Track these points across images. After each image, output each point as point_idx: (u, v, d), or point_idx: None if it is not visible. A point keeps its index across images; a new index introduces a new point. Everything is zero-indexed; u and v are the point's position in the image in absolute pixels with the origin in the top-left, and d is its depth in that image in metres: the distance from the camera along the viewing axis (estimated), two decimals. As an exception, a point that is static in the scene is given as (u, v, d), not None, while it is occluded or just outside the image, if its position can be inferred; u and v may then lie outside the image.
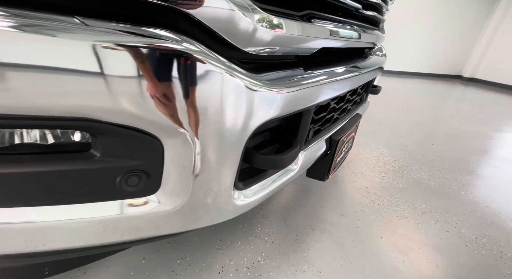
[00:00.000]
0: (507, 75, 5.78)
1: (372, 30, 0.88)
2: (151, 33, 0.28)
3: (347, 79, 0.65)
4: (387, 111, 3.02)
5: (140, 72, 0.27)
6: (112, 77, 0.26)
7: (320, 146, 0.68)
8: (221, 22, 0.32)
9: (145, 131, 0.29)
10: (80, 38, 0.25)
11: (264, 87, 0.36)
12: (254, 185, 0.46)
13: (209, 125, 0.32)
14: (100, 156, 0.29)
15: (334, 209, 1.19)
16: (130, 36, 0.27)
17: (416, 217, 1.19)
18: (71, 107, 0.25)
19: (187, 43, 0.29)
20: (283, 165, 0.44)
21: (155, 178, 0.33)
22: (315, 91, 0.50)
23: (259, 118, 0.37)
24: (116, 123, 0.28)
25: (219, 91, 0.31)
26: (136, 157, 0.31)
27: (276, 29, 0.37)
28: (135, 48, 0.26)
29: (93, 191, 0.30)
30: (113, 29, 0.27)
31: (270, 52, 0.40)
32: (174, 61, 0.28)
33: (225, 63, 0.32)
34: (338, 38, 0.57)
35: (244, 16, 0.33)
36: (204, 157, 0.34)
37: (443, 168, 1.71)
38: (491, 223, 1.18)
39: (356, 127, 0.89)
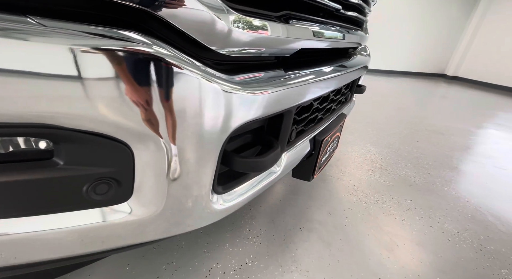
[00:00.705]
0: (486, 74, 6.02)
1: (355, 30, 0.88)
2: (119, 35, 0.27)
3: (330, 79, 0.65)
4: (374, 110, 3.08)
5: (105, 76, 0.26)
6: (73, 80, 0.25)
7: (304, 146, 0.68)
8: (194, 24, 0.31)
9: (111, 137, 0.28)
10: (37, 39, 0.23)
11: (240, 89, 0.35)
12: (234, 188, 0.45)
13: (181, 129, 0.31)
14: (64, 164, 0.28)
15: (322, 208, 1.20)
16: (95, 38, 0.25)
17: (402, 213, 1.21)
18: (26, 113, 0.24)
19: (157, 46, 0.28)
20: (263, 168, 0.43)
21: (126, 185, 0.32)
22: (296, 92, 0.50)
23: (235, 121, 0.36)
24: (79, 129, 0.27)
25: (190, 95, 0.30)
26: (104, 164, 0.29)
27: (251, 31, 0.36)
28: (100, 50, 0.25)
29: (58, 201, 0.29)
30: (75, 30, 0.25)
31: (246, 54, 0.39)
32: (142, 64, 0.27)
33: (197, 65, 0.31)
34: (318, 39, 0.57)
35: (217, 18, 0.32)
36: (178, 162, 0.33)
37: (427, 164, 1.75)
38: (471, 217, 1.22)
39: (341, 127, 0.90)
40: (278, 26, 0.42)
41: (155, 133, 0.29)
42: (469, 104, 3.95)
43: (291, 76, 0.50)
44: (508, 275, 0.91)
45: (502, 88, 5.64)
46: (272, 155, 0.45)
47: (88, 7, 0.26)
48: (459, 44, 6.69)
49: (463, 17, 6.50)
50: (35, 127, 0.24)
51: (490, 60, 5.96)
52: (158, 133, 0.30)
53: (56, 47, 0.24)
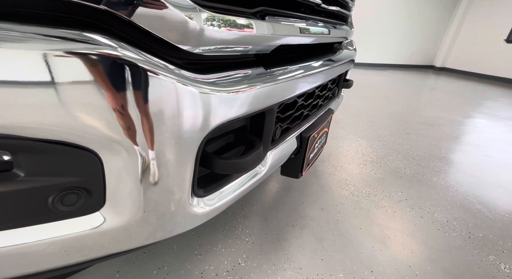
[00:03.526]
0: (472, 64, 6.15)
1: (339, 25, 0.88)
2: (81, 37, 0.25)
3: (314, 74, 0.64)
4: (365, 103, 3.11)
5: (65, 81, 0.24)
6: (30, 86, 0.23)
7: (290, 143, 0.67)
8: (161, 24, 0.29)
9: (75, 145, 0.27)
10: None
11: (213, 90, 0.34)
12: (216, 191, 0.44)
13: (152, 133, 0.30)
14: (24, 176, 0.26)
15: (315, 204, 1.21)
16: (54, 41, 0.24)
17: (393, 205, 1.23)
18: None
19: (123, 48, 0.27)
20: (244, 169, 0.42)
21: (97, 194, 0.30)
22: (277, 90, 0.49)
23: (211, 122, 0.35)
24: (39, 138, 0.25)
25: (160, 98, 0.29)
26: (69, 173, 0.28)
27: (224, 29, 0.35)
28: (60, 53, 0.24)
29: (21, 214, 0.27)
30: (32, 32, 0.24)
31: (220, 53, 0.38)
32: (107, 68, 0.25)
33: (167, 67, 0.30)
34: (299, 35, 0.56)
35: (186, 17, 0.30)
36: (151, 167, 0.32)
37: (417, 156, 1.78)
38: (460, 206, 1.24)
39: (328, 122, 0.90)
40: (253, 23, 0.41)
41: (122, 139, 0.28)
42: (457, 94, 4.02)
43: (271, 73, 0.49)
44: (495, 261, 0.93)
45: (487, 77, 5.77)
46: (254, 155, 0.44)
47: (46, 8, 0.25)
48: (446, 36, 6.80)
49: (449, 10, 6.60)
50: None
51: (475, 51, 6.08)
52: (125, 139, 0.28)
53: (10, 51, 0.22)
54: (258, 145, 0.47)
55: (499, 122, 2.65)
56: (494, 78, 5.63)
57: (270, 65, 0.52)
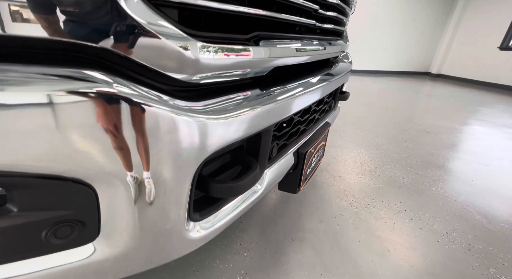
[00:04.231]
0: (468, 71, 6.24)
1: (334, 41, 0.90)
2: (76, 74, 0.26)
3: (311, 91, 0.65)
4: (363, 110, 3.13)
5: (62, 117, 0.25)
6: (25, 123, 0.24)
7: (287, 160, 0.68)
8: (156, 56, 0.30)
9: (71, 179, 0.27)
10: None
11: (210, 117, 0.34)
12: (212, 214, 0.44)
13: (147, 165, 0.30)
14: (18, 211, 0.26)
15: (313, 215, 1.20)
16: (49, 79, 0.24)
17: (392, 216, 1.22)
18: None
19: (118, 84, 0.27)
20: (241, 192, 0.43)
21: (91, 225, 0.30)
22: (273, 111, 0.49)
23: (207, 149, 0.35)
24: (33, 173, 0.25)
25: (156, 130, 0.29)
26: (65, 207, 0.28)
27: (219, 57, 0.36)
28: (55, 91, 0.24)
29: (12, 250, 0.27)
30: (26, 72, 0.24)
31: (215, 79, 0.39)
32: (101, 104, 0.26)
33: (160, 98, 0.30)
34: (295, 55, 0.57)
35: (180, 48, 0.31)
36: (147, 198, 0.32)
37: (415, 164, 1.78)
38: (459, 217, 1.24)
39: (325, 136, 0.90)
40: (248, 49, 0.42)
41: (118, 172, 0.28)
42: (453, 101, 4.06)
43: (268, 94, 0.50)
44: (496, 274, 0.92)
45: (482, 83, 5.85)
46: (250, 178, 0.44)
47: (38, 47, 0.25)
48: (441, 43, 6.92)
49: (443, 18, 6.75)
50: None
51: (470, 57, 6.19)
52: (121, 171, 0.28)
53: (6, 92, 0.23)
54: (254, 166, 0.47)
55: (495, 129, 2.67)
56: (489, 85, 5.71)
57: (265, 86, 0.52)
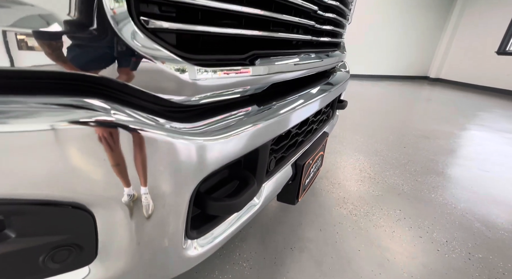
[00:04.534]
0: (466, 75, 6.28)
1: (331, 52, 0.91)
2: (73, 102, 0.26)
3: (309, 104, 0.66)
4: (362, 115, 3.14)
5: (61, 145, 0.25)
6: (24, 151, 0.24)
7: (285, 171, 0.68)
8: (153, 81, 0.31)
9: (70, 205, 0.27)
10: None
11: (207, 139, 0.35)
12: (210, 231, 0.44)
13: (145, 189, 0.30)
14: (16, 236, 0.26)
15: (313, 224, 1.20)
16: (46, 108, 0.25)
17: (391, 225, 1.22)
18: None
19: (115, 110, 0.28)
20: (238, 209, 0.43)
21: (89, 249, 0.31)
22: (271, 126, 0.50)
23: (205, 170, 0.36)
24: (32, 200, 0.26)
25: (153, 154, 0.30)
26: (63, 232, 0.28)
27: (215, 79, 0.37)
28: (53, 121, 0.25)
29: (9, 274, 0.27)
30: (24, 101, 0.25)
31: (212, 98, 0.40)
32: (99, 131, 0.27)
33: (157, 122, 0.31)
34: (292, 70, 0.58)
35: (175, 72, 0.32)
36: (144, 219, 0.32)
37: (414, 171, 1.78)
38: (459, 225, 1.24)
39: (323, 146, 0.91)
40: (245, 68, 0.42)
41: (116, 196, 0.29)
42: (451, 105, 4.08)
43: (265, 110, 0.51)
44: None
45: (480, 87, 5.89)
46: (247, 194, 0.45)
47: (36, 77, 0.26)
48: (438, 48, 6.98)
49: (440, 23, 6.82)
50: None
51: (468, 62, 6.23)
52: (119, 196, 0.29)
53: (7, 122, 0.23)
54: (251, 181, 0.48)
55: (494, 134, 2.68)
56: (487, 89, 5.74)
57: (263, 102, 0.53)
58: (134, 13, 0.28)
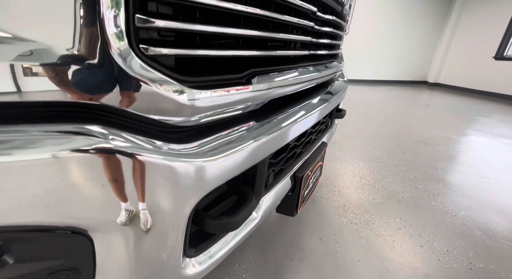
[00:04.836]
0: (464, 80, 6.32)
1: (329, 63, 0.92)
2: (74, 129, 0.27)
3: (308, 116, 0.66)
4: (361, 121, 3.15)
5: (60, 174, 0.26)
6: (25, 178, 0.25)
7: (284, 184, 0.68)
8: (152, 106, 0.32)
9: (69, 230, 0.28)
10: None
11: (205, 160, 0.35)
12: (208, 248, 0.45)
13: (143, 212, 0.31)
14: (14, 262, 0.27)
15: (313, 233, 1.19)
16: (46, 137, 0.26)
17: (392, 234, 1.21)
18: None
19: (114, 135, 0.28)
20: (236, 226, 0.43)
21: (87, 272, 0.31)
22: (270, 142, 0.50)
23: (203, 190, 0.36)
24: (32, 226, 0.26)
25: (151, 178, 0.30)
26: (61, 256, 0.29)
27: (214, 100, 0.37)
28: (55, 149, 0.25)
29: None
30: (26, 130, 0.25)
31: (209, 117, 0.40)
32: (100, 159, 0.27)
33: (155, 146, 0.31)
34: (290, 84, 0.59)
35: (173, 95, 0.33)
36: (142, 241, 0.33)
37: (414, 178, 1.78)
38: (460, 233, 1.23)
39: (322, 156, 0.91)
40: (244, 88, 0.43)
41: (115, 220, 0.29)
42: (450, 110, 4.09)
43: (264, 125, 0.51)
44: (498, 296, 0.91)
45: (478, 92, 5.92)
46: (246, 211, 0.45)
47: (36, 106, 0.27)
48: (437, 53, 7.05)
49: (438, 28, 6.91)
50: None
51: (466, 67, 6.28)
52: (118, 220, 0.29)
53: (8, 151, 0.24)
54: (250, 197, 0.48)
55: (493, 139, 2.68)
56: (485, 93, 5.77)
57: (261, 117, 0.54)
58: (133, 42, 0.28)
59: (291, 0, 0.49)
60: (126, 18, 0.27)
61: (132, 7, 0.27)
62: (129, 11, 0.27)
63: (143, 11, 0.29)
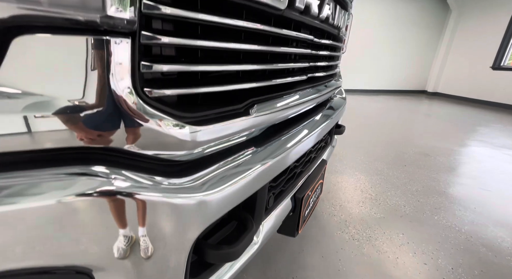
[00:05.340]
0: (463, 89, 6.38)
1: (327, 83, 0.94)
2: (76, 170, 0.28)
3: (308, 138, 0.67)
4: (361, 132, 3.17)
5: (64, 218, 0.27)
6: (29, 222, 0.26)
7: (284, 205, 0.68)
8: (154, 144, 0.33)
9: (72, 269, 0.28)
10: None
11: (206, 194, 0.36)
12: (209, 277, 0.44)
13: (145, 249, 0.31)
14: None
15: (315, 250, 1.18)
16: (53, 179, 0.27)
17: (395, 250, 1.20)
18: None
19: (115, 174, 0.29)
20: (237, 255, 0.43)
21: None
22: (270, 168, 0.51)
23: (205, 223, 0.37)
24: (36, 267, 0.27)
25: (154, 217, 0.31)
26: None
27: (213, 133, 0.39)
28: (55, 195, 0.26)
29: None
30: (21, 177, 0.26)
31: (210, 149, 0.41)
32: (104, 201, 0.28)
33: (157, 185, 0.32)
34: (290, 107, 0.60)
35: (177, 134, 0.34)
36: (144, 276, 0.33)
37: (416, 191, 1.77)
38: (464, 250, 1.21)
39: (322, 174, 0.92)
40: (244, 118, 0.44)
41: (117, 259, 0.30)
42: (450, 120, 4.11)
43: (264, 151, 0.52)
44: (506, 317, 0.89)
45: (478, 101, 5.96)
46: (246, 239, 0.45)
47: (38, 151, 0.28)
48: (435, 62, 7.16)
49: (434, 39, 7.05)
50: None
51: (464, 77, 6.36)
52: (119, 258, 0.30)
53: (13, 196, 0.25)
54: (250, 225, 0.48)
55: (494, 150, 2.68)
56: (484, 103, 5.80)
57: (261, 142, 0.55)
58: (138, 86, 0.30)
59: (291, 34, 0.51)
60: (132, 65, 0.29)
61: (138, 55, 0.29)
62: (135, 59, 0.29)
63: (148, 58, 0.31)
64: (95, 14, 0.24)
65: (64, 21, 0.23)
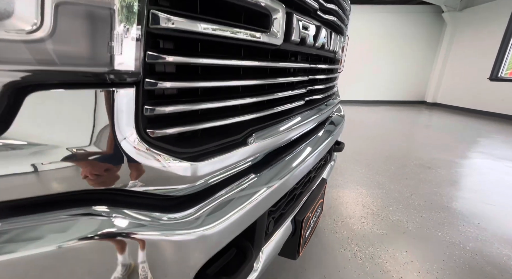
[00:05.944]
0: (461, 100, 6.43)
1: (326, 102, 0.96)
2: (79, 212, 0.29)
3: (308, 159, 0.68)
4: (361, 144, 3.17)
5: (66, 262, 0.27)
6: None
7: (285, 229, 0.68)
8: (155, 182, 0.34)
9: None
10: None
11: (207, 227, 0.37)
12: (209, 309, 0.44)
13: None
14: None
15: (317, 269, 1.15)
16: (55, 222, 0.28)
17: (399, 269, 1.17)
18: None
19: (117, 214, 0.30)
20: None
21: None
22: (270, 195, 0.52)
23: (206, 256, 0.37)
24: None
25: (155, 255, 0.32)
26: None
27: (213, 166, 0.40)
28: (58, 240, 0.27)
29: None
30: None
31: (210, 180, 0.42)
32: (107, 243, 0.29)
33: (157, 222, 0.33)
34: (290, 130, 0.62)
35: (177, 171, 0.35)
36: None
37: (418, 205, 1.75)
38: (470, 268, 1.19)
39: (322, 194, 0.92)
40: (243, 147, 0.46)
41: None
42: (450, 131, 4.11)
43: (264, 177, 0.53)
44: None
45: (477, 112, 5.99)
46: (246, 269, 0.45)
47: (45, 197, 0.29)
48: (433, 74, 7.27)
49: (432, 50, 7.22)
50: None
51: (462, 88, 6.43)
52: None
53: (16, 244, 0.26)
54: (250, 253, 0.48)
55: (496, 162, 2.66)
56: (483, 113, 5.83)
57: (261, 168, 0.56)
58: (141, 128, 0.31)
59: (288, 65, 0.54)
60: (136, 109, 0.30)
61: (141, 100, 0.31)
62: (139, 104, 0.31)
63: (150, 101, 0.32)
64: (103, 68, 0.26)
65: (74, 77, 0.25)
